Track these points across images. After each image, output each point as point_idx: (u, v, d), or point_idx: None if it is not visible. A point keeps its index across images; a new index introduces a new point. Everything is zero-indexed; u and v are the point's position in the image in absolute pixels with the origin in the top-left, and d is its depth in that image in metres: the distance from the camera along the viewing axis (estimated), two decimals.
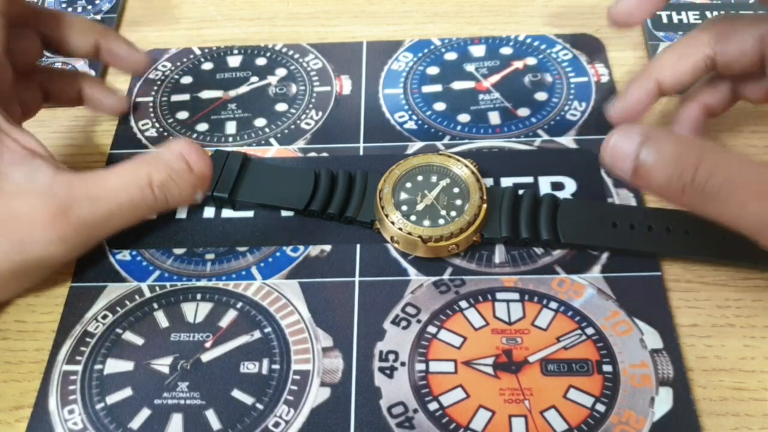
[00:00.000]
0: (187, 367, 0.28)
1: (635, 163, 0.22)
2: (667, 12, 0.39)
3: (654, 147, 0.22)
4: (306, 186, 0.31)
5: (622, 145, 0.22)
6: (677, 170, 0.22)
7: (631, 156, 0.22)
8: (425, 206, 0.30)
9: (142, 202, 0.27)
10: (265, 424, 0.26)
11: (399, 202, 0.30)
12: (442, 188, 0.30)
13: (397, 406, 0.26)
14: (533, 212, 0.30)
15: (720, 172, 0.21)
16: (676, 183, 0.22)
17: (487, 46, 0.38)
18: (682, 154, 0.22)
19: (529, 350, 0.27)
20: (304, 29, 0.40)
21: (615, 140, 0.23)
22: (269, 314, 0.29)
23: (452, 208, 0.30)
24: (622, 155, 0.23)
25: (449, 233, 0.29)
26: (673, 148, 0.22)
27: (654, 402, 0.26)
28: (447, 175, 0.30)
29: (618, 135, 0.23)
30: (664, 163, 0.22)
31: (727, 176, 0.21)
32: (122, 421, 0.26)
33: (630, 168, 0.22)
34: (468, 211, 0.29)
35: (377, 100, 0.36)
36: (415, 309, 0.29)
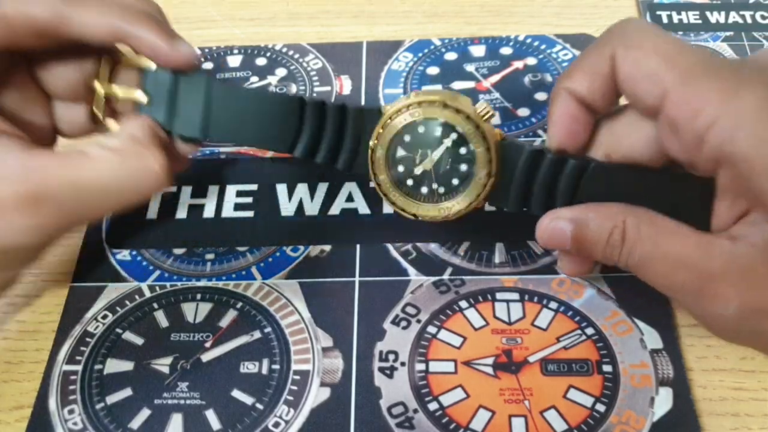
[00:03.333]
0: (187, 367, 0.28)
1: (574, 248, 0.24)
2: (667, 12, 0.39)
3: (584, 231, 0.24)
4: (289, 120, 0.25)
5: (559, 234, 0.24)
6: (610, 248, 0.24)
7: (567, 241, 0.24)
8: (423, 171, 0.25)
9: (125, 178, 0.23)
10: (265, 424, 0.26)
11: (395, 160, 0.26)
12: (446, 149, 0.25)
13: (397, 406, 0.26)
14: (551, 181, 0.25)
15: (637, 250, 0.23)
16: (610, 257, 0.24)
17: (487, 46, 0.38)
18: (612, 232, 0.23)
19: (529, 350, 0.27)
20: (303, 29, 0.40)
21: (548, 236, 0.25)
22: (269, 314, 0.29)
23: (455, 175, 0.25)
24: (560, 242, 0.25)
25: (446, 212, 0.26)
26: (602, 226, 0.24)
27: (654, 402, 0.26)
28: (453, 131, 0.25)
29: (548, 230, 0.25)
30: (598, 244, 0.24)
31: (642, 252, 0.23)
32: (122, 421, 0.26)
33: (568, 248, 0.25)
34: (471, 189, 0.25)
35: (377, 100, 0.36)
36: (415, 309, 0.29)
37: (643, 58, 0.22)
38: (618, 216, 0.23)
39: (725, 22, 0.39)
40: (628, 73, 0.23)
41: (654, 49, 0.22)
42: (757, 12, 0.39)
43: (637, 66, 0.22)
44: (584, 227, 0.24)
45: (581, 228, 0.24)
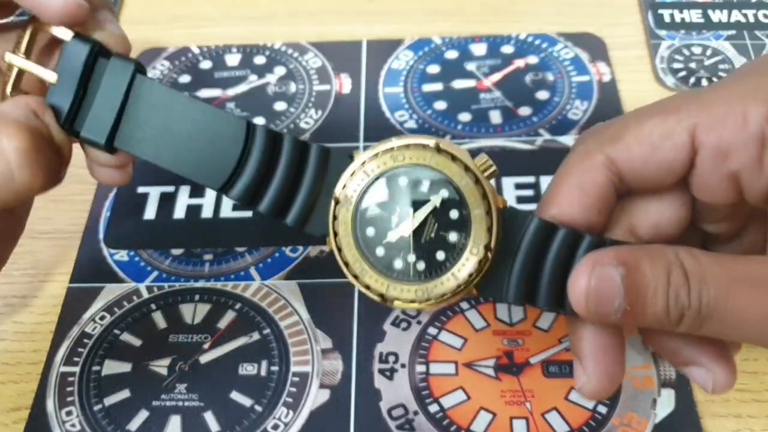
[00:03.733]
0: (185, 369, 0.27)
1: (628, 303, 0.18)
2: (669, 11, 0.39)
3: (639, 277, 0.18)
4: (230, 148, 0.20)
5: (604, 287, 0.18)
6: (673, 295, 0.18)
7: (618, 296, 0.18)
8: (400, 237, 0.19)
9: None
10: (264, 426, 0.26)
11: (365, 221, 0.20)
12: (434, 210, 0.19)
13: (397, 408, 0.26)
14: (563, 267, 0.19)
15: (708, 283, 0.18)
16: (674, 311, 0.18)
17: (488, 45, 0.38)
18: (670, 273, 0.18)
19: (530, 352, 0.27)
20: (303, 27, 0.40)
21: (595, 284, 0.18)
22: (268, 315, 0.29)
23: (441, 246, 0.19)
24: (607, 299, 0.18)
25: (425, 299, 0.19)
26: (658, 270, 0.18)
27: (656, 403, 0.26)
28: (445, 186, 0.19)
29: (595, 277, 0.18)
30: (659, 293, 0.18)
31: (715, 287, 0.18)
32: (120, 422, 0.26)
33: (620, 309, 0.18)
34: (459, 268, 0.19)
35: (377, 99, 0.36)
36: (415, 310, 0.29)
37: (645, 132, 0.19)
38: (667, 252, 0.18)
39: (728, 20, 0.38)
40: (638, 156, 0.19)
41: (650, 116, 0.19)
42: (759, 11, 0.39)
43: (642, 141, 0.19)
44: (637, 270, 0.18)
45: (634, 271, 0.18)
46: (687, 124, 0.19)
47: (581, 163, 0.20)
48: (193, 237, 0.31)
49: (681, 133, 0.19)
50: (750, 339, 0.19)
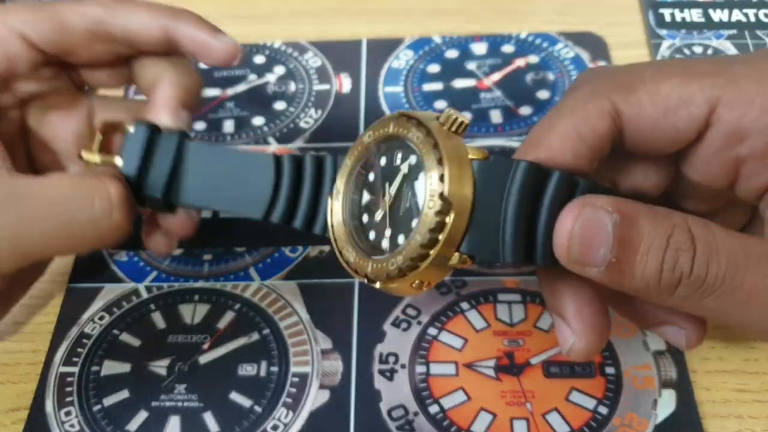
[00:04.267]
0: (184, 369, 0.27)
1: (614, 255, 0.16)
2: (670, 10, 0.39)
3: (634, 230, 0.16)
4: (263, 179, 0.22)
5: (592, 233, 0.16)
6: (671, 258, 0.16)
7: (605, 245, 0.16)
8: (383, 214, 0.19)
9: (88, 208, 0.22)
10: (264, 426, 0.26)
11: (360, 209, 0.20)
12: (404, 176, 0.18)
13: (398, 408, 0.26)
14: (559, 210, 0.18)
15: (720, 256, 0.16)
16: (669, 275, 0.16)
17: (489, 44, 0.38)
18: (672, 234, 0.16)
19: (531, 352, 0.27)
20: (303, 27, 0.40)
21: (580, 227, 0.16)
22: (268, 316, 0.29)
23: (414, 211, 0.18)
24: (592, 246, 0.16)
25: (397, 269, 0.18)
26: (659, 228, 0.16)
27: (657, 404, 0.26)
28: (410, 151, 0.18)
29: (582, 218, 0.16)
30: (653, 251, 0.16)
31: (728, 260, 0.16)
32: (119, 423, 0.26)
33: (604, 261, 0.16)
34: (421, 224, 0.17)
35: (377, 98, 0.36)
36: (415, 310, 0.29)
37: (662, 93, 0.17)
38: (674, 214, 0.16)
39: (728, 20, 0.38)
40: (648, 116, 0.18)
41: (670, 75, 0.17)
42: (760, 10, 0.39)
43: (657, 101, 0.17)
44: (633, 221, 0.16)
45: (629, 222, 0.16)
46: (709, 94, 0.17)
47: (584, 106, 0.18)
48: (193, 237, 0.31)
49: (701, 104, 0.17)
50: (753, 323, 0.17)
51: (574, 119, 0.18)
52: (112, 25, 0.24)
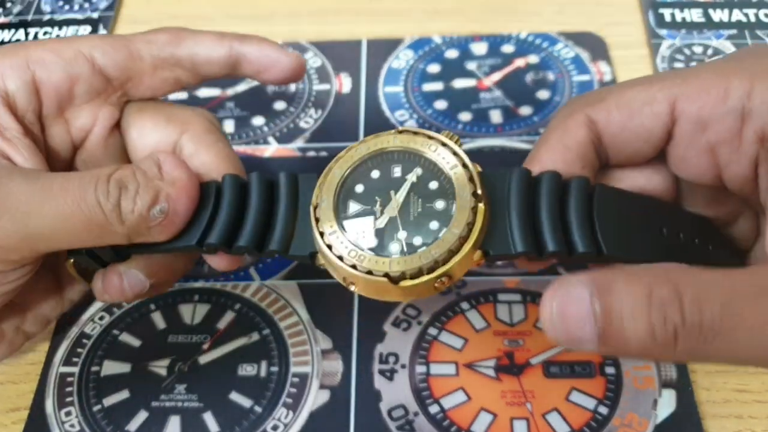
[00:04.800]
0: (184, 369, 0.27)
1: (600, 326, 0.16)
2: (670, 10, 0.39)
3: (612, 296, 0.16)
4: (204, 207, 0.21)
5: (571, 309, 0.16)
6: (658, 314, 0.15)
7: (588, 318, 0.16)
8: (389, 219, 0.20)
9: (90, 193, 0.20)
10: (264, 426, 0.26)
11: (348, 220, 0.20)
12: (412, 185, 0.20)
13: (398, 408, 0.26)
14: (559, 209, 0.19)
15: (711, 298, 0.15)
16: (662, 331, 0.16)
17: (489, 44, 0.38)
18: (652, 290, 0.16)
19: (531, 352, 0.27)
20: (303, 27, 0.40)
21: (558, 305, 0.16)
22: (268, 316, 0.29)
23: (432, 215, 0.19)
24: (576, 322, 0.16)
25: (432, 261, 0.19)
26: (636, 287, 0.16)
27: (657, 404, 0.26)
28: (417, 163, 0.20)
29: (558, 296, 0.16)
30: (637, 311, 0.16)
31: (721, 300, 0.15)
32: (119, 423, 0.26)
33: (594, 333, 0.16)
34: (456, 219, 0.19)
35: (377, 98, 0.36)
36: (415, 310, 0.29)
37: (626, 98, 0.19)
38: (652, 270, 0.16)
39: (728, 20, 0.38)
40: (617, 120, 0.20)
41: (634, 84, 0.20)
42: (760, 10, 0.39)
43: (622, 105, 0.19)
44: (608, 290, 0.16)
45: (606, 289, 0.16)
46: (668, 93, 0.19)
47: (563, 123, 0.20)
48: None
49: (661, 101, 0.19)
50: (764, 359, 0.16)
51: (558, 133, 0.20)
52: (179, 50, 0.24)
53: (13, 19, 0.41)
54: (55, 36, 0.40)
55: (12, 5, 0.42)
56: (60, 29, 0.40)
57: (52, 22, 0.41)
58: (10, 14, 0.42)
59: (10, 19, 0.41)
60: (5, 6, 0.42)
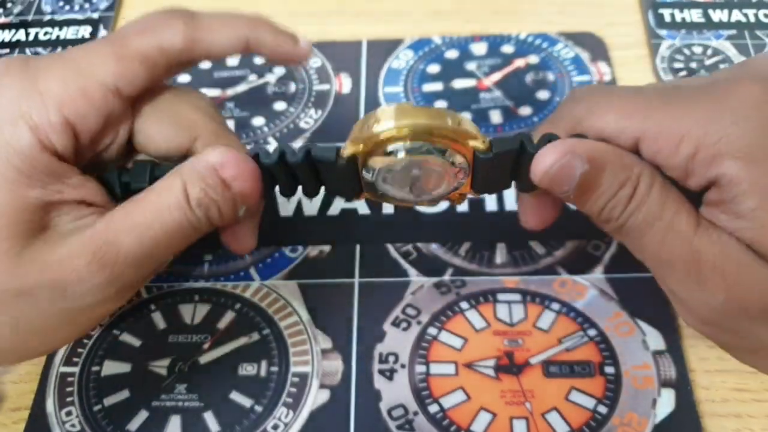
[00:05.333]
0: (185, 369, 0.27)
1: (573, 194, 0.21)
2: (670, 10, 0.39)
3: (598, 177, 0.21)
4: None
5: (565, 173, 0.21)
6: (610, 204, 0.21)
7: (571, 183, 0.21)
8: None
9: (186, 224, 0.22)
10: (264, 426, 0.26)
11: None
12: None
13: (397, 408, 0.26)
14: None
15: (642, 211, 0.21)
16: (606, 215, 0.21)
17: (489, 44, 0.38)
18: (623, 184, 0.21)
19: (530, 352, 0.27)
20: (303, 27, 0.40)
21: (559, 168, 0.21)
22: (268, 316, 0.29)
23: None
24: (563, 182, 0.21)
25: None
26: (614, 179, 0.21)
27: (656, 404, 0.26)
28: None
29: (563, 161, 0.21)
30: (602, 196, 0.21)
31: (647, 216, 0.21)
32: (120, 423, 0.26)
33: (566, 193, 0.21)
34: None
35: (377, 98, 0.36)
36: (415, 310, 0.29)
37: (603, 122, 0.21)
38: (634, 167, 0.21)
39: (728, 20, 0.38)
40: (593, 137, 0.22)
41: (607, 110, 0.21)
42: (760, 10, 0.39)
43: (595, 135, 0.21)
44: (599, 172, 0.21)
45: (596, 172, 0.21)
46: (633, 131, 0.21)
47: (553, 125, 0.23)
48: None
49: (628, 138, 0.21)
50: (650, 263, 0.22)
51: (546, 126, 0.23)
52: (195, 53, 0.24)
53: (13, 19, 0.41)
54: (55, 37, 0.40)
55: (12, 5, 0.42)
56: (60, 29, 0.41)
57: (52, 22, 0.41)
58: (11, 14, 0.42)
59: (11, 19, 0.41)
60: (5, 6, 0.42)
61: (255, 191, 0.23)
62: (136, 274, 0.23)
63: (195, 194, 0.22)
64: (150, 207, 0.22)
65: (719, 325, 0.21)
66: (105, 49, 0.23)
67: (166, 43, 0.23)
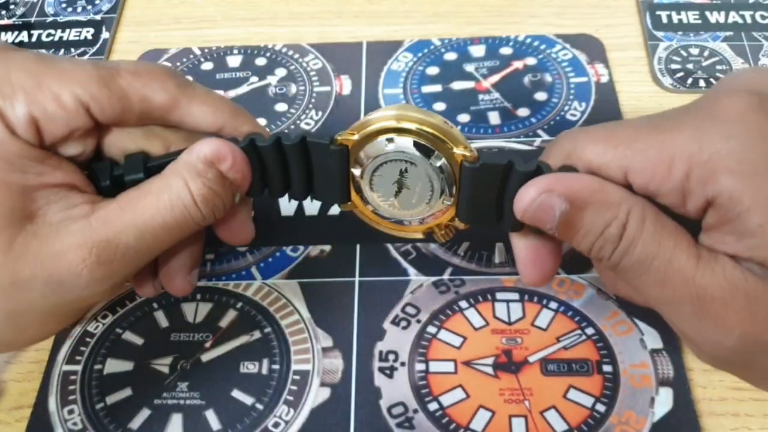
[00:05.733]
0: (186, 367, 0.28)
1: (557, 230, 0.20)
2: (667, 12, 0.39)
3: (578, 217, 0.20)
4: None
5: (544, 213, 0.20)
6: (598, 243, 0.20)
7: (552, 222, 0.20)
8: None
9: (189, 221, 0.22)
10: (265, 424, 0.26)
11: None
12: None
13: (397, 406, 0.26)
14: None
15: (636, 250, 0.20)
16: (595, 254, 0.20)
17: (487, 46, 0.38)
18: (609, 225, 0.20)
19: (529, 350, 0.27)
20: (304, 29, 0.40)
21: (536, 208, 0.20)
22: (269, 314, 0.29)
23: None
24: (543, 221, 0.20)
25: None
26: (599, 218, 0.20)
27: (654, 402, 0.26)
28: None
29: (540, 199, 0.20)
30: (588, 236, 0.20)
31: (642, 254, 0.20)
32: (122, 421, 0.26)
33: (551, 230, 0.20)
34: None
35: (377, 100, 0.36)
36: (415, 309, 0.29)
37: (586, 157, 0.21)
38: (621, 205, 0.20)
39: (725, 21, 0.39)
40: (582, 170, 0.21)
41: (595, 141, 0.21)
42: (756, 12, 0.39)
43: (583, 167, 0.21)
44: (580, 210, 0.20)
45: (577, 211, 0.20)
46: (621, 164, 0.20)
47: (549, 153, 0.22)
48: None
49: (616, 170, 0.20)
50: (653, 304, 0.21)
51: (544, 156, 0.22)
52: (170, 116, 0.24)
53: (16, 20, 0.42)
54: (57, 38, 0.41)
55: (15, 7, 0.42)
56: (63, 31, 0.41)
57: (55, 24, 0.41)
58: (14, 16, 0.42)
59: (14, 20, 0.42)
60: (8, 8, 0.42)
61: (248, 175, 0.23)
62: (133, 270, 0.23)
63: (198, 190, 0.22)
64: (151, 205, 0.22)
65: (735, 361, 0.20)
66: (92, 71, 0.23)
67: (151, 96, 0.23)
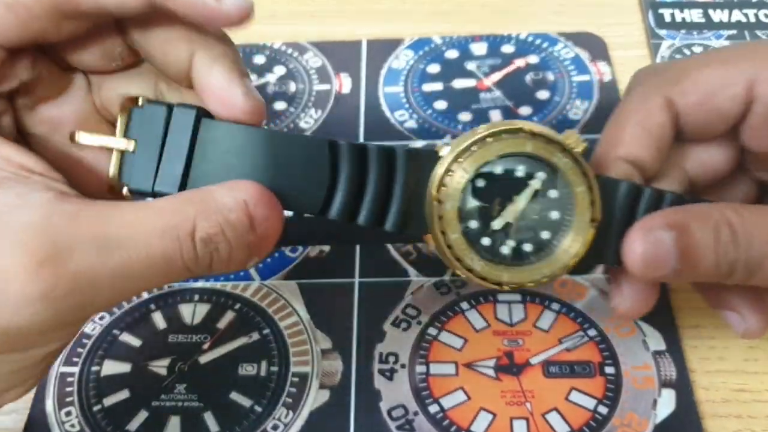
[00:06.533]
0: (184, 369, 0.27)
1: (679, 264, 0.19)
2: (670, 10, 0.39)
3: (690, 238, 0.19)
4: (318, 171, 0.20)
5: (660, 250, 0.19)
6: (722, 252, 0.19)
7: (671, 257, 0.19)
8: (505, 224, 0.20)
9: (177, 259, 0.17)
10: (264, 426, 0.26)
11: (466, 214, 0.20)
12: (535, 192, 0.20)
13: (397, 408, 0.26)
14: None
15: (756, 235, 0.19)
16: (725, 267, 0.19)
17: (489, 44, 0.38)
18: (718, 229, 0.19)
19: (530, 352, 0.27)
20: (303, 27, 0.40)
21: (650, 247, 0.19)
22: (268, 315, 0.29)
23: (545, 225, 0.20)
24: (663, 260, 0.19)
25: (541, 276, 0.20)
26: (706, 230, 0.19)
27: (656, 404, 0.26)
28: (541, 168, 0.20)
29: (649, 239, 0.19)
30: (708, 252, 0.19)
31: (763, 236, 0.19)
32: (119, 423, 0.26)
33: (672, 269, 0.19)
34: (572, 239, 0.20)
35: (377, 98, 0.36)
36: (415, 310, 0.29)
37: (705, 78, 0.20)
38: (712, 211, 0.19)
39: (728, 20, 0.38)
40: (695, 101, 0.21)
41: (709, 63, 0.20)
42: (760, 10, 0.39)
43: (700, 88, 0.20)
44: (687, 230, 0.19)
45: (685, 232, 0.19)
46: (746, 75, 0.20)
47: (643, 105, 0.21)
48: None
49: (738, 84, 0.20)
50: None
51: (638, 117, 0.21)
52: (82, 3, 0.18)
53: None
54: None
55: None
56: None
57: None
58: None
59: None
60: None
61: (277, 236, 0.19)
62: (86, 302, 0.17)
63: (206, 228, 0.18)
64: (136, 222, 0.17)
65: None
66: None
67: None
